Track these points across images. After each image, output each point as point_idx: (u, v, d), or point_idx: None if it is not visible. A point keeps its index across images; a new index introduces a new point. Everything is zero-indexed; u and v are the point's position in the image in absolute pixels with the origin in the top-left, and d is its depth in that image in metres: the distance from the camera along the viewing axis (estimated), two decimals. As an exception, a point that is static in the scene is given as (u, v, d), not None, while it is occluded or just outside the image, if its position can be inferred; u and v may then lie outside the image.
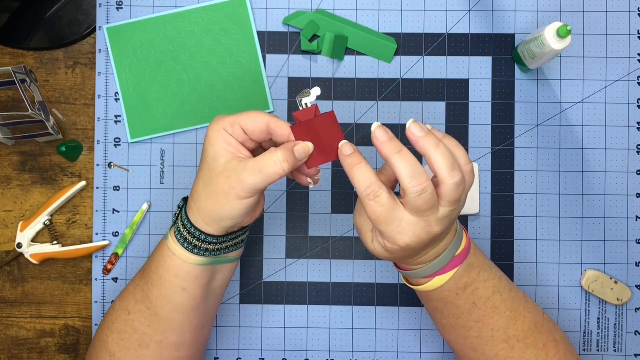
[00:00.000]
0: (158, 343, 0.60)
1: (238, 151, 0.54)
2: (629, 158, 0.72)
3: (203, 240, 0.56)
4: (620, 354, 0.72)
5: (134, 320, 0.60)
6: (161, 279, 0.58)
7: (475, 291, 0.57)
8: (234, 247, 0.59)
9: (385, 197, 0.50)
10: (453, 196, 0.50)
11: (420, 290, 0.58)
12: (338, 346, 0.72)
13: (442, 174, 0.49)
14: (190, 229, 0.56)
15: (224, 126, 0.54)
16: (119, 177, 0.72)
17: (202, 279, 0.59)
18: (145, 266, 0.61)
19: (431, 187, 0.49)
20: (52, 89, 0.73)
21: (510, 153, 0.72)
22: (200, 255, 0.57)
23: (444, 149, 0.49)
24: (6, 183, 0.73)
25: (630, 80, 0.73)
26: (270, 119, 0.54)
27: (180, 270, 0.58)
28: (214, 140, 0.54)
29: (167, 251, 0.58)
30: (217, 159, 0.54)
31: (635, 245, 0.72)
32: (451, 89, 0.73)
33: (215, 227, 0.56)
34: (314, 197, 0.73)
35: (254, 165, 0.52)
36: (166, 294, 0.58)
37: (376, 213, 0.50)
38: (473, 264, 0.57)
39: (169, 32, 0.72)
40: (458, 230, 0.56)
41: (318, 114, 0.53)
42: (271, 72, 0.73)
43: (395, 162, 0.49)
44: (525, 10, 0.73)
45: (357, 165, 0.51)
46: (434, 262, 0.55)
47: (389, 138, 0.50)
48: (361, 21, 0.73)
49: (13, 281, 0.73)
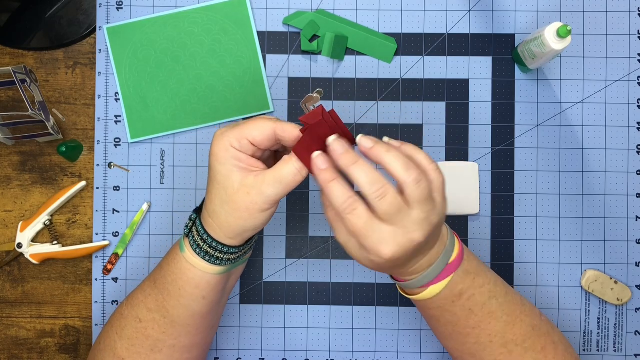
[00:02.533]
0: (171, 347, 0.60)
1: (250, 165, 0.54)
2: (629, 158, 0.72)
3: (226, 252, 0.57)
4: (620, 354, 0.72)
5: (147, 327, 0.60)
6: (180, 290, 0.58)
7: (471, 297, 0.57)
8: (249, 250, 0.61)
9: (362, 210, 0.50)
10: (417, 195, 0.49)
11: (416, 299, 0.58)
12: (338, 346, 0.72)
13: (397, 175, 0.49)
14: (212, 243, 0.56)
15: (230, 143, 0.53)
16: (119, 177, 0.72)
17: (220, 285, 0.60)
18: (157, 276, 0.61)
19: (391, 190, 0.49)
20: (52, 89, 0.73)
21: (510, 153, 0.72)
22: (222, 265, 0.58)
23: (394, 152, 0.50)
24: (6, 183, 0.73)
25: (630, 80, 0.73)
26: (276, 124, 0.53)
27: (201, 282, 0.58)
28: (224, 160, 0.53)
29: (185, 264, 0.58)
30: (230, 177, 0.53)
31: (635, 245, 0.72)
32: (451, 89, 0.73)
33: (238, 239, 0.56)
34: (314, 197, 0.73)
35: (272, 178, 0.52)
36: (186, 303, 0.59)
37: (355, 226, 0.50)
38: (468, 270, 0.57)
39: (169, 32, 0.72)
40: (449, 237, 0.56)
41: (325, 114, 0.52)
42: (271, 72, 0.73)
43: (353, 172, 0.50)
44: (525, 10, 0.73)
45: (332, 181, 0.50)
46: (427, 271, 0.55)
47: (345, 150, 0.51)
48: (361, 21, 0.73)
49: (13, 281, 0.73)
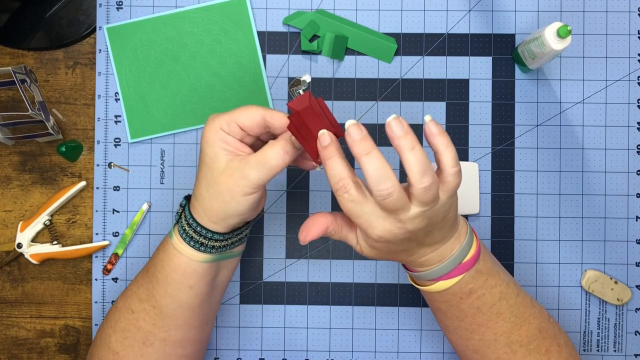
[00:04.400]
0: (162, 341, 0.60)
1: (237, 149, 0.55)
2: (629, 158, 0.72)
3: (210, 238, 0.57)
4: (620, 354, 0.72)
5: (138, 319, 0.60)
6: (167, 277, 0.58)
7: (481, 297, 0.57)
8: (238, 242, 0.60)
9: (354, 193, 0.50)
10: (423, 198, 0.49)
11: (423, 290, 0.58)
12: (338, 346, 0.72)
13: (411, 177, 0.49)
14: (197, 227, 0.56)
15: (220, 125, 0.54)
16: (119, 177, 0.72)
17: (208, 276, 0.59)
18: (149, 265, 0.61)
19: (397, 192, 0.48)
20: (52, 89, 0.73)
21: (510, 153, 0.72)
22: (207, 252, 0.57)
23: (418, 153, 0.48)
24: (6, 183, 0.73)
25: (630, 80, 0.72)
26: (265, 112, 0.54)
27: (187, 268, 0.58)
28: (212, 141, 0.54)
29: (172, 250, 0.58)
30: (216, 160, 0.54)
31: (635, 245, 0.72)
32: (451, 89, 0.73)
33: (222, 225, 0.56)
34: (314, 197, 0.73)
35: (256, 161, 0.53)
36: (172, 292, 0.59)
37: (346, 206, 0.51)
38: (481, 270, 0.56)
39: (169, 32, 0.72)
40: (467, 236, 0.55)
41: (312, 100, 0.51)
42: (271, 72, 0.73)
43: (363, 163, 0.49)
44: (525, 10, 0.73)
45: (330, 158, 0.50)
46: (438, 266, 0.55)
47: (361, 137, 0.49)
48: (361, 21, 0.73)
49: (13, 281, 0.73)
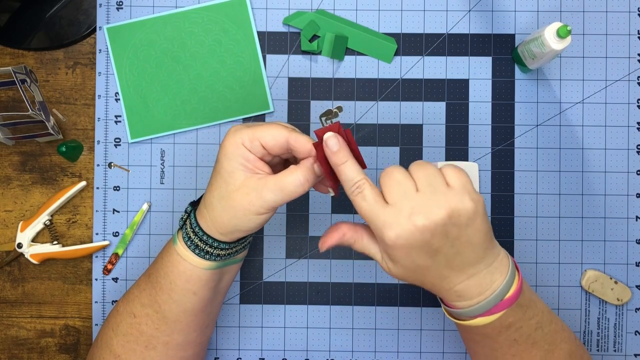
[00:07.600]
0: (165, 344, 0.60)
1: (257, 167, 0.54)
2: (629, 158, 0.72)
3: (215, 247, 0.57)
4: (620, 354, 0.72)
5: (141, 323, 0.60)
6: (171, 284, 0.58)
7: (519, 329, 0.55)
8: (242, 249, 0.61)
9: (369, 193, 0.51)
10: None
11: (461, 324, 0.56)
12: (338, 346, 0.72)
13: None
14: (203, 236, 0.56)
15: (242, 140, 0.53)
16: (119, 177, 0.72)
17: (212, 282, 0.59)
18: (152, 270, 0.61)
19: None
20: (52, 89, 0.73)
21: (510, 153, 0.72)
22: (212, 260, 0.57)
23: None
24: (6, 183, 0.73)
25: (630, 80, 0.72)
26: (290, 134, 0.53)
27: (191, 275, 0.58)
28: (232, 155, 0.54)
29: (176, 256, 0.58)
30: (233, 174, 0.54)
31: (635, 245, 0.72)
32: (451, 89, 0.73)
33: (229, 236, 0.56)
34: (314, 197, 0.73)
35: (274, 184, 0.53)
36: (176, 298, 0.59)
37: (361, 208, 0.51)
38: (521, 303, 0.54)
39: (169, 32, 0.72)
40: (510, 268, 0.53)
41: (340, 131, 0.52)
42: (271, 72, 0.73)
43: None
44: (525, 10, 0.73)
45: (343, 164, 0.52)
46: (479, 304, 0.53)
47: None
48: (361, 21, 0.73)
49: (13, 281, 0.73)
